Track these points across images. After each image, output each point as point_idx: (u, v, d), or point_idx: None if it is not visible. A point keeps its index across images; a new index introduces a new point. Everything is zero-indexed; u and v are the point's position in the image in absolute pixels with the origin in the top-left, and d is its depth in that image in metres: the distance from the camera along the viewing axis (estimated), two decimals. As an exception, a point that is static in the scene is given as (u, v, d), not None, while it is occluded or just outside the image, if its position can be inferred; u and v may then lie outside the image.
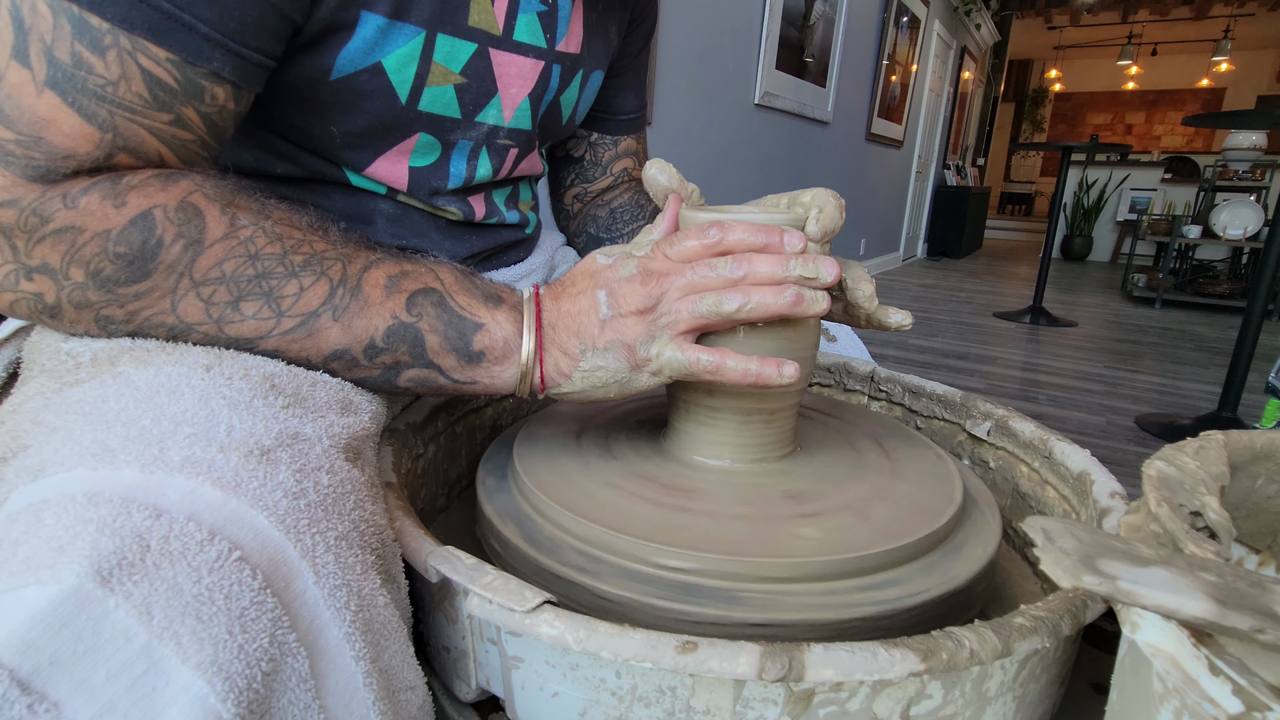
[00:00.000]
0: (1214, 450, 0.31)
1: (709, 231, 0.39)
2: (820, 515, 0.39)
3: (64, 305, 0.35)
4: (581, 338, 0.40)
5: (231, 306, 0.36)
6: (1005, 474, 0.54)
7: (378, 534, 0.32)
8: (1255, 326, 1.91)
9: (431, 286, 0.40)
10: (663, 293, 0.39)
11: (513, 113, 0.54)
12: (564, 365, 0.40)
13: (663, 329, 0.39)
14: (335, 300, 0.38)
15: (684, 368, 0.39)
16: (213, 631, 0.23)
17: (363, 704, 0.28)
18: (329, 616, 0.27)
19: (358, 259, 0.39)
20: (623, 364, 0.39)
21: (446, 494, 0.55)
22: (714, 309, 0.38)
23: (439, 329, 0.39)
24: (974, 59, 6.94)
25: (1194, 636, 0.20)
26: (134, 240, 0.34)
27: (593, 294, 0.40)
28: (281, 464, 0.29)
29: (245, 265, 0.36)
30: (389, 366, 0.40)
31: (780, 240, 0.39)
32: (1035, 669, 0.31)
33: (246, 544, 0.26)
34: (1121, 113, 10.51)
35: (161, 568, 0.23)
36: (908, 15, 4.56)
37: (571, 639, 0.28)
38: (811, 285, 0.39)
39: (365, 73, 0.44)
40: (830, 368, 0.67)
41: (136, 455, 0.27)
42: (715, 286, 0.39)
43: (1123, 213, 6.73)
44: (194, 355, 0.35)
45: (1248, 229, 4.18)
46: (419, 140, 0.50)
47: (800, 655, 0.26)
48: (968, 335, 3.22)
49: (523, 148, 0.58)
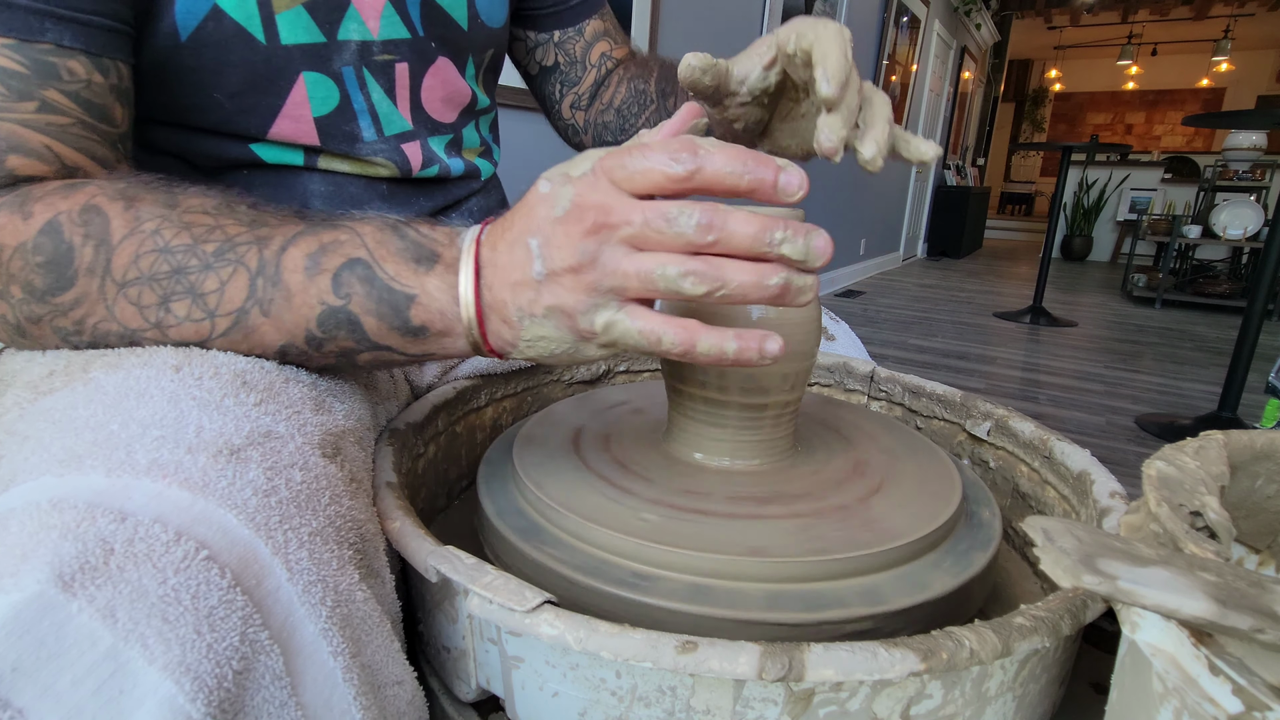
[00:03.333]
0: (1214, 450, 0.31)
1: (679, 153, 0.30)
2: (820, 515, 0.39)
3: (22, 322, 0.36)
4: (518, 302, 0.33)
5: (162, 308, 0.35)
6: (1005, 474, 0.54)
7: (356, 529, 0.32)
8: (1255, 326, 1.91)
9: (356, 256, 0.35)
10: (601, 245, 0.31)
11: (378, 21, 0.49)
12: (506, 334, 0.35)
13: (607, 294, 0.32)
14: (258, 293, 0.35)
15: (640, 344, 0.32)
16: (180, 632, 0.23)
17: (343, 699, 0.28)
18: (304, 613, 0.27)
19: (273, 239, 0.35)
20: (566, 334, 0.33)
21: (446, 494, 0.55)
22: (672, 287, 0.30)
23: (371, 308, 0.35)
24: (974, 59, 6.94)
25: (1194, 636, 0.20)
26: (47, 249, 0.34)
27: (525, 242, 0.33)
28: (252, 462, 0.29)
29: (159, 261, 0.34)
30: (341, 354, 0.37)
31: (774, 179, 0.30)
32: (1035, 669, 0.31)
33: (214, 543, 0.26)
34: (1121, 113, 10.51)
35: (126, 570, 0.23)
36: (908, 15, 4.56)
37: (571, 639, 0.28)
38: (800, 268, 0.32)
39: (209, 21, 0.43)
40: (830, 368, 0.67)
41: (104, 460, 0.27)
42: (673, 247, 0.30)
43: (1123, 213, 6.73)
44: (163, 356, 0.34)
45: (1248, 229, 4.18)
46: (307, 81, 0.48)
47: (800, 655, 0.26)
48: (968, 335, 3.22)
49: (415, 62, 0.52)
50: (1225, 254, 5.20)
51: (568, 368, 0.39)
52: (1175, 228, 4.39)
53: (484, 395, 0.57)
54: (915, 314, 3.65)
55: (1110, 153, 4.52)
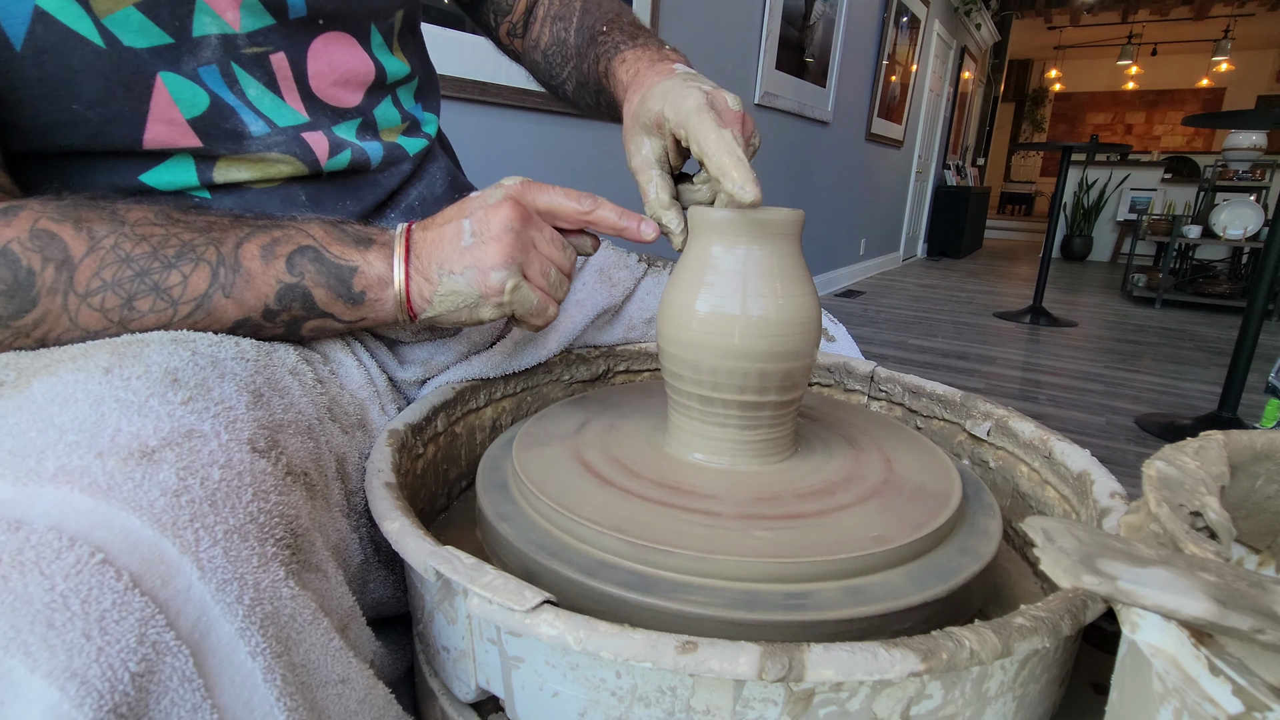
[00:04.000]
0: (1214, 450, 0.31)
1: (583, 199, 0.46)
2: (819, 516, 0.39)
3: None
4: (441, 264, 0.43)
5: (126, 308, 0.38)
6: (1005, 474, 0.54)
7: (286, 524, 0.32)
8: (1255, 326, 1.90)
9: (305, 244, 0.42)
10: (525, 228, 0.44)
11: (236, 13, 0.45)
12: (426, 290, 0.44)
13: (516, 265, 0.43)
14: (220, 280, 0.40)
15: (531, 308, 0.45)
16: (66, 637, 0.23)
17: (264, 701, 0.27)
18: (219, 611, 0.27)
19: (228, 239, 0.41)
20: (474, 290, 0.43)
21: (446, 494, 0.55)
22: (543, 309, 0.46)
23: (321, 281, 0.42)
24: (974, 59, 6.94)
25: (1194, 636, 0.20)
26: (6, 277, 0.36)
27: (458, 223, 0.44)
28: (165, 463, 0.29)
29: (122, 268, 0.38)
30: (289, 323, 0.43)
31: (637, 228, 0.46)
32: (1035, 669, 0.31)
33: (112, 546, 0.26)
34: (1121, 113, 10.51)
35: (10, 579, 0.23)
36: (908, 15, 4.56)
37: (571, 639, 0.28)
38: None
39: (37, 25, 0.40)
40: (830, 368, 0.67)
41: (13, 469, 0.27)
42: (562, 266, 0.47)
43: (1123, 213, 6.72)
44: (97, 358, 0.34)
45: (1248, 229, 4.18)
46: (166, 82, 0.44)
47: (800, 655, 0.26)
48: (968, 335, 3.22)
49: (292, 49, 0.48)
50: (1225, 254, 5.20)
51: (464, 324, 0.47)
52: (1175, 228, 4.39)
53: (483, 395, 0.57)
54: (915, 314, 3.64)
55: (1110, 153, 4.53)
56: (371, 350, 0.52)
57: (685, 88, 0.46)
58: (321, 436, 0.41)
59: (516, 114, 1.70)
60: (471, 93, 1.53)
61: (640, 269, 0.68)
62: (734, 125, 0.45)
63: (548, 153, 1.84)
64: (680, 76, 0.49)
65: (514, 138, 1.72)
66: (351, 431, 0.46)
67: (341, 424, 0.45)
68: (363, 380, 0.49)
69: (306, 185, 0.51)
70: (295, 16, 0.48)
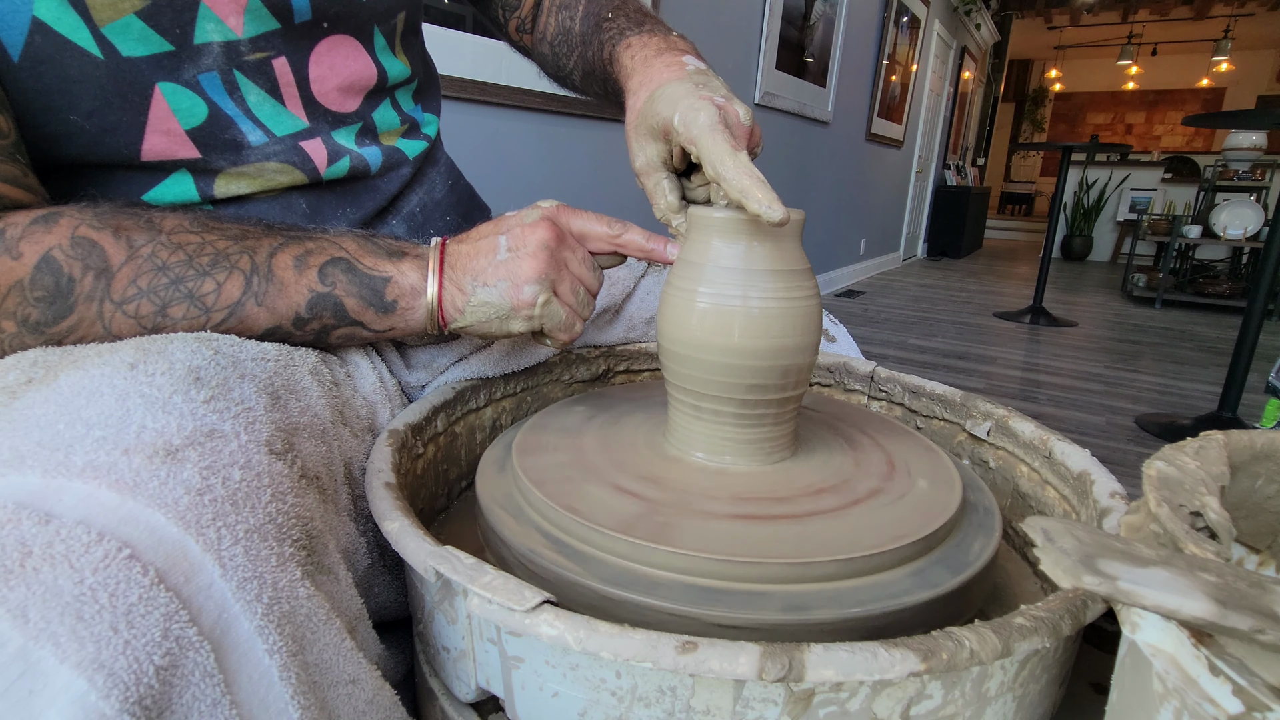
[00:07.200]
0: (1214, 450, 0.31)
1: (613, 224, 0.47)
2: (819, 516, 0.39)
3: (7, 353, 0.37)
4: (475, 276, 0.44)
5: (159, 314, 0.39)
6: (1005, 474, 0.54)
7: (301, 526, 0.32)
8: (1255, 326, 1.90)
9: (338, 256, 0.43)
10: (559, 248, 0.45)
11: (240, 18, 0.45)
12: (458, 300, 0.45)
13: (547, 281, 0.44)
14: (254, 288, 0.41)
15: (559, 323, 0.46)
16: (95, 629, 0.23)
17: (279, 698, 0.28)
18: (239, 609, 0.27)
19: (261, 249, 0.41)
20: (505, 302, 0.44)
21: (447, 494, 0.55)
22: (570, 325, 0.47)
23: (353, 291, 0.43)
24: (974, 59, 6.94)
25: (1194, 636, 0.20)
26: (47, 284, 0.36)
27: (493, 238, 0.45)
28: (189, 462, 0.29)
29: (158, 276, 0.39)
30: (319, 331, 0.44)
31: (663, 249, 0.48)
32: (1035, 669, 0.31)
33: (139, 542, 0.26)
34: (1121, 113, 10.51)
35: (41, 571, 0.23)
36: (908, 15, 4.56)
37: (571, 639, 0.28)
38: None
39: (35, 35, 0.39)
40: (830, 368, 0.67)
41: (43, 461, 0.27)
42: (590, 286, 0.48)
43: (1123, 213, 6.72)
44: (122, 354, 0.34)
45: (1248, 229, 4.18)
46: (164, 92, 0.44)
47: (800, 655, 0.26)
48: (968, 335, 3.22)
49: (294, 54, 0.48)
50: (1225, 254, 5.20)
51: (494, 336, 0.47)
52: (1175, 228, 4.39)
53: (483, 396, 0.57)
54: (915, 314, 3.64)
55: (1110, 153, 4.52)
56: (382, 353, 0.52)
57: (697, 99, 0.44)
58: (333, 440, 0.42)
59: (516, 114, 1.70)
60: (471, 93, 1.54)
61: (640, 268, 0.68)
62: (744, 140, 0.44)
63: (547, 153, 1.84)
64: (691, 79, 0.47)
65: (514, 138, 1.72)
66: (361, 435, 0.46)
67: (352, 427, 0.45)
68: (375, 383, 0.50)
69: (306, 194, 0.51)
70: (300, 20, 0.47)
